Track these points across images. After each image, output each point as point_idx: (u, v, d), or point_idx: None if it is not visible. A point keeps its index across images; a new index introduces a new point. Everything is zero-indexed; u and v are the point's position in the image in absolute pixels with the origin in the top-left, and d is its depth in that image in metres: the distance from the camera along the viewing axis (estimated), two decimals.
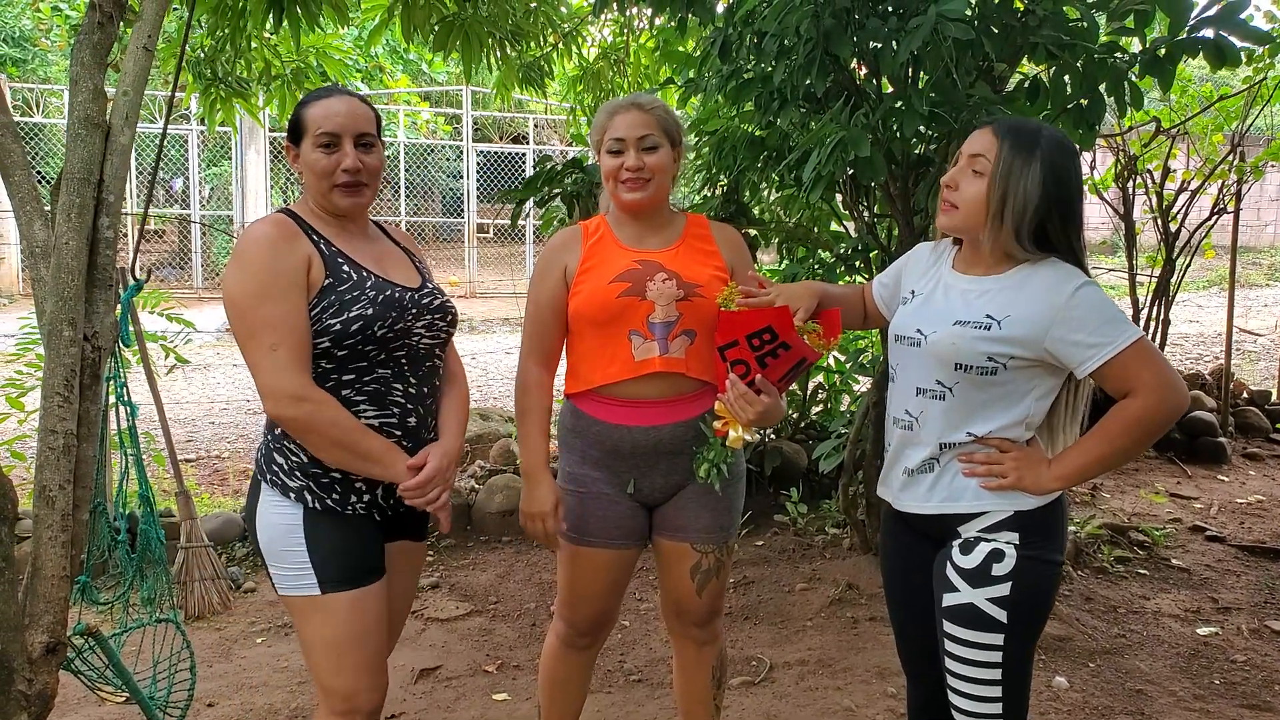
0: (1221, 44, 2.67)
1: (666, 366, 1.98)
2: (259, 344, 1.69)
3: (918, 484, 1.78)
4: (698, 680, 2.24)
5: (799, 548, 4.11)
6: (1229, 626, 3.40)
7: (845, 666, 3.07)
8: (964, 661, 1.70)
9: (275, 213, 1.84)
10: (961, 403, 1.70)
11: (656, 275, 1.99)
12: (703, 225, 2.13)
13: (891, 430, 1.85)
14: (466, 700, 2.91)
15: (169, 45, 4.31)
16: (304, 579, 1.75)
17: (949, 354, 1.69)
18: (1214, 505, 4.77)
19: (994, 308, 1.67)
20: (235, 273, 1.74)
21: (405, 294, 1.83)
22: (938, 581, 1.75)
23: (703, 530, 2.08)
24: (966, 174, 1.69)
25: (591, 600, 2.14)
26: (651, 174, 2.01)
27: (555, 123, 14.38)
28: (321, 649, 1.77)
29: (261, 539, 1.79)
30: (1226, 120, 5.63)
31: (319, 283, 1.74)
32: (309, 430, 1.71)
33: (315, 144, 1.79)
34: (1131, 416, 1.62)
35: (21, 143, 1.99)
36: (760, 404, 1.83)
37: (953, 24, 2.43)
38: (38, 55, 12.85)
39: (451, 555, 4.08)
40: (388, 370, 1.80)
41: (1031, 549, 1.68)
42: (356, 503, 1.79)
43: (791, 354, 1.81)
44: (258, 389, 1.72)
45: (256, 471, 1.83)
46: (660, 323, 1.97)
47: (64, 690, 2.18)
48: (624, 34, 5.40)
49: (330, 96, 1.83)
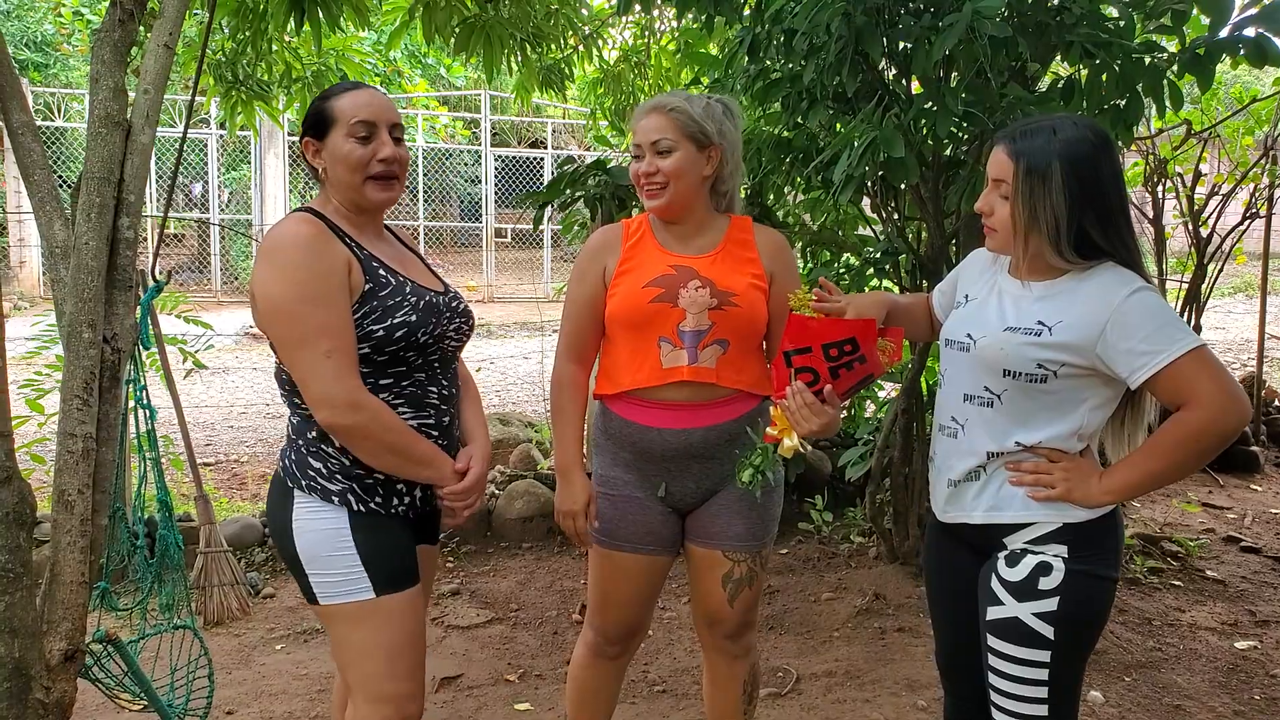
0: (1263, 42, 2.61)
1: (694, 376, 1.94)
2: (313, 350, 1.63)
3: (962, 494, 1.72)
4: (729, 694, 2.18)
5: (824, 556, 4.05)
6: (1268, 640, 3.31)
7: (874, 678, 3.01)
8: (1008, 678, 1.64)
9: (299, 212, 1.77)
10: (1009, 411, 1.65)
11: (690, 282, 1.94)
12: (746, 229, 2.06)
13: (937, 438, 1.79)
14: (488, 710, 2.86)
15: (189, 49, 4.31)
16: (356, 583, 1.71)
17: (997, 359, 1.63)
18: (1248, 515, 4.67)
19: (1045, 313, 1.61)
20: (275, 274, 1.66)
21: (438, 298, 1.81)
22: (982, 594, 1.70)
23: (735, 538, 2.03)
24: (995, 198, 1.65)
25: (621, 607, 2.09)
26: (666, 179, 1.95)
27: (574, 127, 14.38)
28: (376, 655, 1.72)
29: (301, 547, 1.72)
30: (1258, 123, 5.53)
31: (359, 287, 1.70)
32: (366, 438, 1.68)
33: (350, 134, 1.73)
34: (1187, 431, 1.54)
35: (42, 143, 1.97)
36: (826, 415, 1.74)
37: (989, 22, 2.38)
38: (59, 60, 12.96)
39: (472, 562, 4.03)
40: (423, 374, 1.78)
41: (1081, 562, 1.61)
42: (398, 504, 1.77)
43: (865, 368, 1.74)
44: (308, 396, 1.67)
45: (285, 479, 1.77)
46: (691, 331, 1.93)
47: (82, 696, 2.14)
48: (645, 36, 5.37)
49: (358, 89, 1.78)
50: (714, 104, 1.99)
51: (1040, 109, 2.66)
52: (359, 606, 1.71)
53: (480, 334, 10.64)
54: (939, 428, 1.78)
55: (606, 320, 2.01)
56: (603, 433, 2.07)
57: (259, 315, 1.71)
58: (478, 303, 13.02)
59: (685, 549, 2.10)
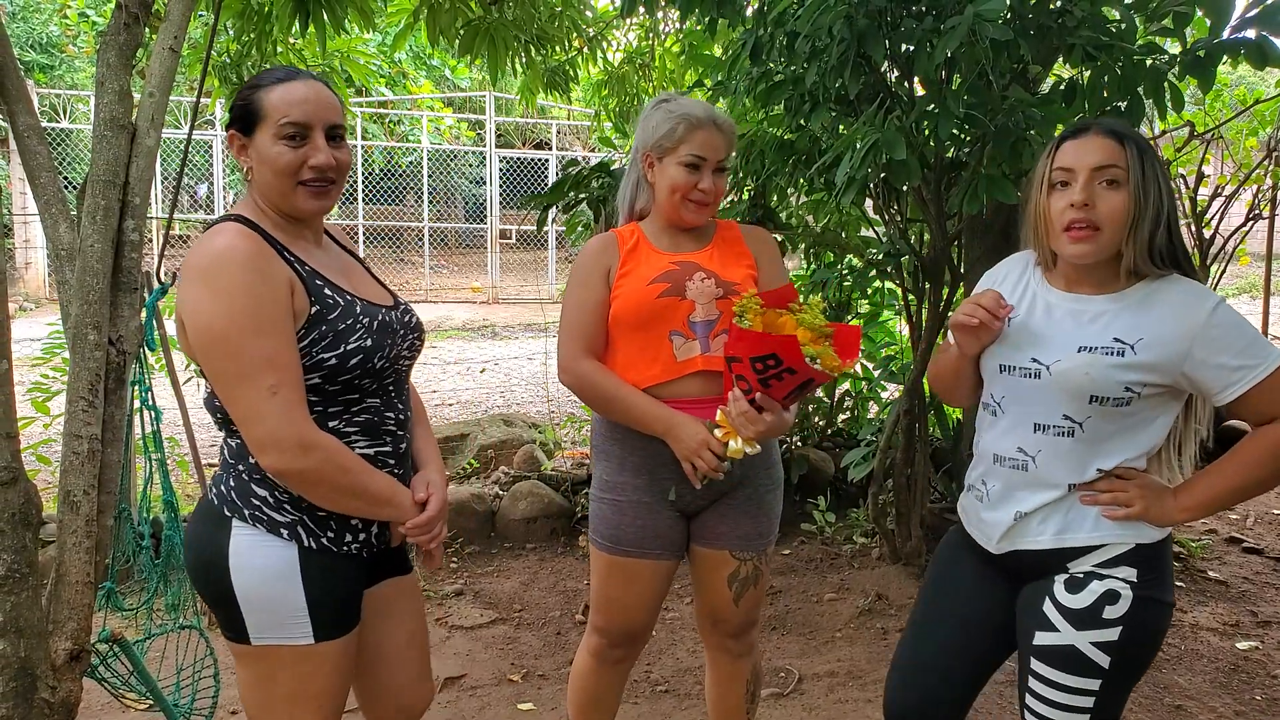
0: (1264, 44, 2.61)
1: (709, 365, 1.94)
2: (255, 386, 1.43)
3: (1028, 523, 1.63)
4: (732, 694, 2.19)
5: (826, 557, 4.05)
6: (1270, 641, 3.31)
7: (876, 679, 3.01)
8: (1049, 704, 1.58)
9: (230, 221, 1.54)
10: (1091, 438, 1.56)
11: (695, 274, 1.96)
12: (732, 228, 2.13)
13: (992, 469, 1.68)
14: (492, 710, 2.87)
15: (195, 51, 4.32)
16: (297, 627, 1.54)
17: (1083, 385, 1.53)
18: (1250, 516, 4.67)
19: (1120, 330, 1.53)
20: (209, 298, 1.45)
21: (389, 315, 1.65)
22: (1030, 617, 1.62)
23: (743, 538, 2.04)
24: (1096, 189, 1.53)
25: (627, 612, 2.09)
26: (718, 197, 2.02)
27: (578, 128, 14.40)
28: (300, 702, 1.57)
29: (238, 583, 1.53)
30: (1261, 124, 5.54)
31: (304, 311, 1.51)
32: (319, 483, 1.50)
33: (278, 135, 1.52)
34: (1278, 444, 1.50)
35: (48, 146, 1.98)
36: (761, 422, 1.79)
37: (991, 24, 2.38)
38: (65, 62, 13.00)
39: (476, 562, 4.04)
40: (378, 399, 1.62)
41: (1148, 588, 1.55)
42: (351, 541, 1.60)
43: (797, 378, 1.73)
44: (250, 438, 1.47)
45: (221, 506, 1.57)
46: (701, 321, 1.95)
47: (88, 696, 2.16)
48: (649, 38, 5.38)
49: (294, 80, 1.55)
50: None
51: (1042, 111, 2.67)
52: (293, 651, 1.55)
53: (485, 335, 10.66)
54: (996, 459, 1.66)
55: (611, 324, 2.00)
56: (608, 438, 2.06)
57: (192, 344, 1.50)
58: (482, 304, 13.05)
59: (690, 550, 2.10)
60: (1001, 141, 2.65)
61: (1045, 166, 1.60)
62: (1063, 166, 1.57)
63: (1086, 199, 1.53)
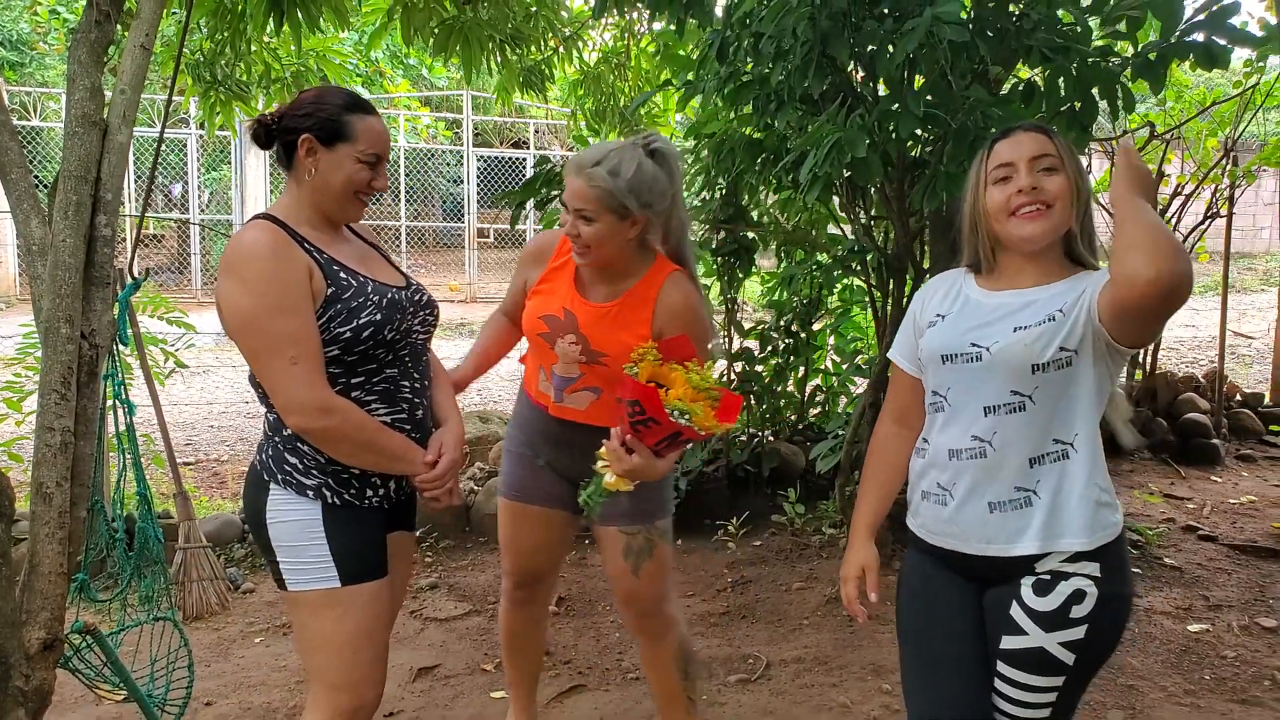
0: (1211, 47, 2.69)
1: (559, 414, 2.11)
2: (280, 358, 1.67)
3: (1005, 522, 1.61)
4: (665, 676, 2.32)
5: (796, 548, 4.12)
6: (1220, 623, 3.41)
7: (841, 664, 3.08)
8: (1015, 703, 1.61)
9: (258, 219, 1.79)
10: (1043, 409, 1.58)
11: (567, 335, 2.06)
12: (655, 284, 2.04)
13: (949, 466, 1.66)
14: (465, 699, 2.91)
15: (168, 48, 4.32)
16: (323, 572, 1.77)
17: (1024, 356, 1.56)
18: (1207, 505, 4.78)
19: (1052, 309, 1.58)
20: (239, 285, 1.69)
21: (400, 294, 1.85)
22: (998, 622, 1.63)
23: (625, 515, 2.15)
24: (1037, 175, 1.60)
25: (522, 555, 2.30)
26: (589, 244, 1.96)
27: (556, 128, 14.40)
28: (336, 643, 1.78)
29: (273, 534, 1.79)
30: (1221, 125, 5.65)
31: (322, 292, 1.73)
32: (339, 439, 1.73)
33: (360, 158, 1.79)
34: None
35: (19, 141, 2.00)
36: (628, 462, 1.81)
37: (948, 26, 2.45)
38: (35, 59, 12.87)
39: (450, 556, 4.08)
40: (394, 369, 1.83)
41: (1112, 584, 1.58)
42: (372, 496, 1.83)
43: (663, 429, 1.77)
44: (278, 404, 1.71)
45: (261, 472, 1.83)
46: (559, 375, 2.09)
47: (62, 688, 2.18)
48: (624, 38, 5.42)
49: (375, 115, 1.83)
50: (644, 167, 1.93)
51: (1001, 110, 2.74)
52: (325, 595, 1.77)
53: (463, 333, 10.65)
54: (952, 454, 1.65)
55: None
56: (519, 394, 2.29)
57: (228, 328, 1.73)
58: (460, 302, 13.04)
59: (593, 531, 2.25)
60: (961, 140, 2.71)
61: (981, 169, 1.67)
62: (1001, 163, 1.63)
63: (1034, 183, 1.59)
